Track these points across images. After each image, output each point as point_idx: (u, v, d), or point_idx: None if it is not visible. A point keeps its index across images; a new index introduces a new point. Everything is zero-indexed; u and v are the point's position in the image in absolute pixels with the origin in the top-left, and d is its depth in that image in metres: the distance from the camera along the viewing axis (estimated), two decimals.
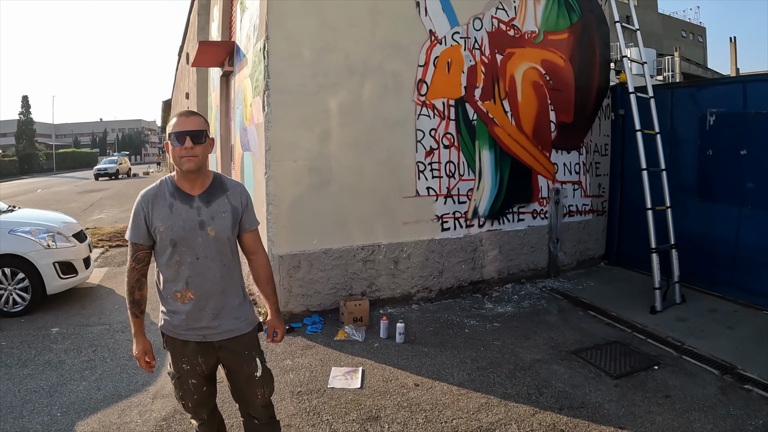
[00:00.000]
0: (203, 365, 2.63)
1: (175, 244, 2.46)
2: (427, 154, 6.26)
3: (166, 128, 2.50)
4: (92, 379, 4.57)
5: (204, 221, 2.50)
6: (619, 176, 7.99)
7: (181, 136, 2.41)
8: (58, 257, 6.54)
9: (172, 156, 2.46)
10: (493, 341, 5.23)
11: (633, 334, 5.36)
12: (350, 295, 5.92)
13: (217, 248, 2.53)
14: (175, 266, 2.49)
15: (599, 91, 7.82)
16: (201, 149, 2.45)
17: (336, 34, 5.72)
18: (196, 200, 2.51)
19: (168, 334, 2.62)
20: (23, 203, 18.14)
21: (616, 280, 7.26)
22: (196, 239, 2.48)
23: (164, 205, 2.48)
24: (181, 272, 2.50)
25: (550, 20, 7.24)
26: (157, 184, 2.58)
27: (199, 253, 2.49)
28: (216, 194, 2.57)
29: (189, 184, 2.52)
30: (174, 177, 2.57)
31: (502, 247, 6.90)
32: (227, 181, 2.67)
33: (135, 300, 2.58)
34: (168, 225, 2.46)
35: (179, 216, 2.47)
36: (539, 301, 6.45)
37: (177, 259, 2.48)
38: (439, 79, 6.30)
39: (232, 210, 2.58)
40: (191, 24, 14.11)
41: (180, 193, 2.51)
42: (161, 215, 2.47)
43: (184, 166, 2.43)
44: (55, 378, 4.60)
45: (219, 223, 2.53)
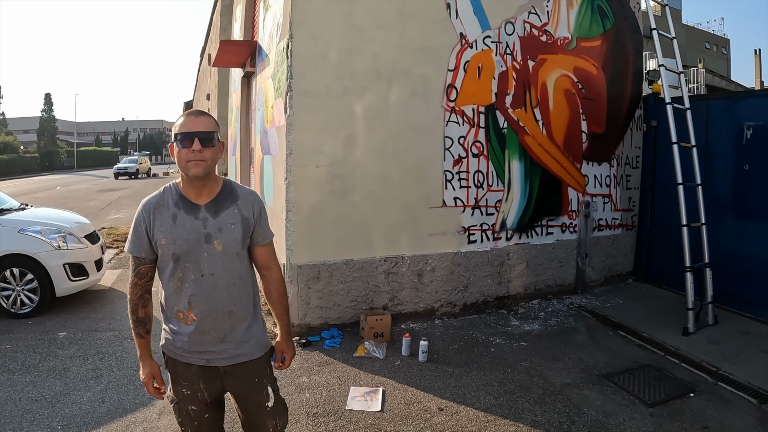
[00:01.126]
0: (205, 391, 2.33)
1: (178, 258, 2.19)
2: (455, 163, 5.90)
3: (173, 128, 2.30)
4: (97, 389, 4.29)
5: (210, 234, 2.21)
6: (650, 190, 7.58)
7: (188, 138, 2.13)
8: (68, 258, 6.25)
9: (177, 160, 2.16)
10: (520, 362, 4.90)
11: (666, 358, 5.03)
12: (371, 309, 5.56)
13: (224, 264, 2.24)
14: (177, 283, 2.21)
15: (631, 102, 7.43)
16: (210, 153, 2.16)
17: (363, 35, 5.38)
18: (202, 210, 2.22)
19: (169, 354, 2.34)
20: (42, 200, 18.13)
21: (645, 298, 6.86)
22: (201, 254, 2.20)
23: (167, 216, 2.20)
24: (183, 290, 2.21)
25: (583, 26, 6.86)
26: (160, 191, 2.30)
27: (204, 269, 2.20)
28: (225, 204, 2.27)
29: (195, 192, 2.23)
30: (179, 184, 2.28)
31: (530, 262, 6.51)
32: (238, 189, 2.36)
33: (139, 319, 2.31)
34: (170, 238, 2.18)
35: (183, 228, 2.19)
36: (567, 319, 6.09)
37: (179, 275, 2.20)
38: (470, 85, 5.94)
39: (242, 221, 2.29)
40: (214, 25, 13.89)
41: (185, 202, 2.23)
42: (163, 227, 2.19)
43: (191, 172, 2.14)
44: (58, 387, 4.33)
45: (227, 236, 2.24)
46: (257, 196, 2.40)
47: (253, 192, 2.41)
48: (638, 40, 7.54)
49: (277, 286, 2.49)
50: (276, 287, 2.49)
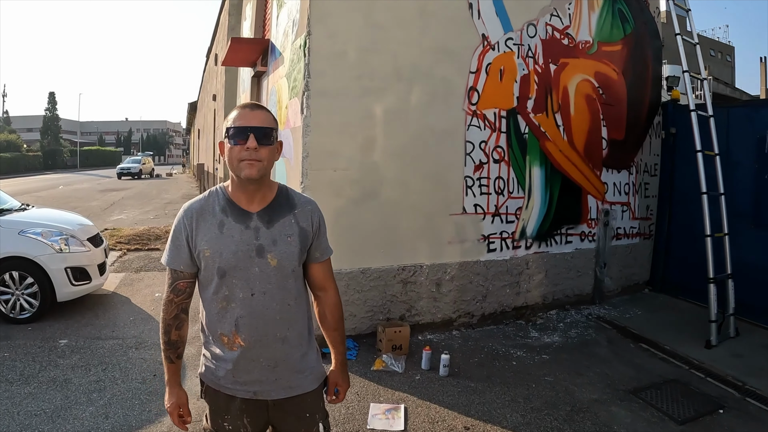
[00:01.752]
0: (249, 426, 1.98)
1: (224, 274, 1.86)
2: (476, 169, 5.58)
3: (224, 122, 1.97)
4: (100, 403, 3.96)
5: (263, 246, 1.87)
6: (668, 198, 7.29)
7: (242, 134, 1.80)
8: (70, 262, 5.91)
9: (228, 158, 1.84)
10: (544, 376, 4.64)
11: (691, 372, 4.81)
12: (388, 320, 5.23)
13: (278, 282, 1.90)
14: (222, 302, 1.88)
15: (651, 108, 7.13)
16: (267, 152, 1.84)
17: (384, 34, 5.05)
18: (254, 219, 1.89)
19: (209, 384, 1.99)
20: (44, 199, 17.78)
21: (663, 309, 6.57)
22: (252, 269, 1.86)
23: (212, 223, 1.88)
24: (230, 311, 1.88)
25: (604, 30, 6.56)
26: (205, 195, 1.97)
27: (254, 287, 1.87)
28: (280, 212, 1.95)
29: (246, 198, 1.90)
30: (227, 187, 1.95)
31: (549, 271, 6.20)
32: (295, 196, 2.03)
33: (171, 341, 1.96)
34: (216, 249, 1.85)
35: (231, 238, 1.86)
36: (586, 331, 5.82)
37: (225, 293, 1.87)
38: (491, 88, 5.63)
39: (300, 233, 1.95)
40: (221, 24, 13.56)
41: (234, 209, 1.90)
42: (208, 236, 1.87)
43: (244, 173, 1.81)
44: (59, 400, 4.00)
45: (283, 249, 1.90)
46: (317, 206, 2.07)
47: (312, 201, 2.07)
48: (657, 45, 7.25)
49: (334, 309, 2.13)
50: (332, 311, 2.13)
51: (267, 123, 1.85)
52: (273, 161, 1.89)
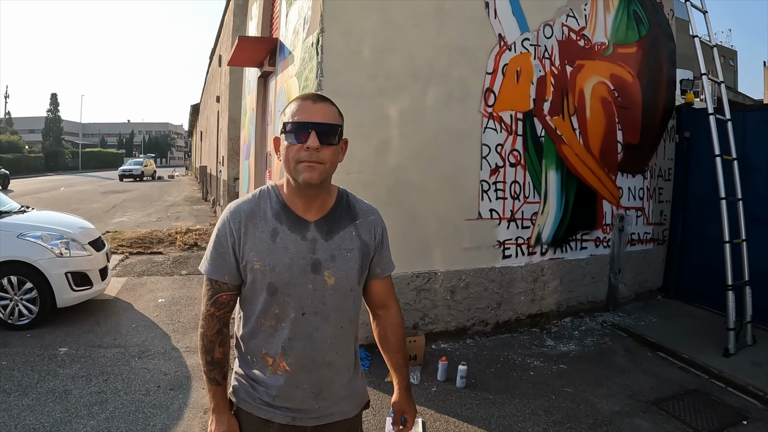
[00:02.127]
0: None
1: (275, 291, 1.62)
2: (492, 172, 5.33)
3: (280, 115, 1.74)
4: (102, 417, 3.70)
5: (320, 261, 1.64)
6: (682, 203, 7.06)
7: (303, 130, 1.55)
8: (71, 267, 5.63)
9: (284, 159, 1.60)
10: (563, 387, 4.43)
11: (711, 381, 4.64)
12: None
13: (334, 302, 1.67)
14: (271, 321, 1.65)
15: (665, 111, 6.91)
16: (330, 153, 1.58)
17: (400, 32, 4.82)
18: (311, 228, 1.66)
19: (241, 405, 1.73)
20: (45, 200, 17.52)
21: (678, 316, 6.34)
22: (306, 286, 1.63)
23: (264, 230, 1.63)
24: (279, 330, 1.65)
25: (619, 32, 6.34)
26: (255, 195, 1.71)
27: (306, 306, 1.64)
28: (341, 222, 1.71)
29: (304, 204, 1.66)
30: (281, 188, 1.70)
31: (563, 278, 5.96)
32: (357, 204, 1.80)
33: (215, 360, 1.71)
34: (267, 262, 1.61)
35: (285, 250, 1.62)
36: (602, 339, 5.60)
37: (276, 312, 1.64)
38: (508, 90, 5.39)
39: (361, 248, 1.72)
40: (225, 25, 13.34)
41: (289, 216, 1.66)
42: (258, 245, 1.62)
43: (302, 176, 1.56)
44: (58, 412, 3.74)
45: (342, 265, 1.67)
46: (380, 215, 1.84)
47: (375, 210, 1.84)
48: (671, 48, 7.04)
49: (397, 329, 1.91)
50: (395, 331, 1.91)
51: (332, 119, 1.59)
52: (337, 163, 1.65)
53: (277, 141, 1.65)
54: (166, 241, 10.30)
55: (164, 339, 5.26)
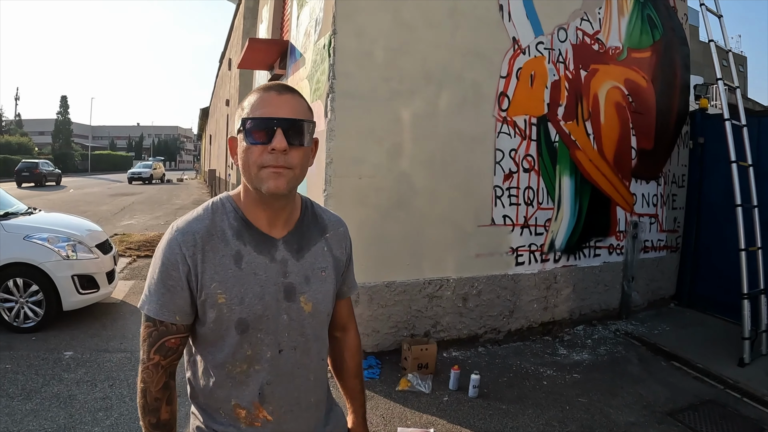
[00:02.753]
0: None
1: (247, 327, 1.28)
2: (505, 178, 5.20)
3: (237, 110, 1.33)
4: (107, 423, 3.59)
5: (294, 286, 1.33)
6: (696, 210, 6.89)
7: (266, 127, 1.22)
8: (77, 270, 5.52)
9: (243, 164, 1.26)
10: (577, 398, 4.30)
11: (726, 392, 4.51)
12: (412, 336, 4.84)
13: (313, 332, 1.38)
14: (241, 365, 1.31)
15: (679, 117, 6.76)
16: (300, 156, 1.25)
17: (413, 34, 4.68)
18: (279, 247, 1.34)
19: None
20: (54, 202, 17.47)
21: (691, 325, 6.18)
22: (280, 317, 1.32)
23: (226, 254, 1.29)
24: (252, 375, 1.32)
25: (633, 36, 6.20)
26: (207, 211, 1.34)
27: (282, 341, 1.33)
28: (310, 236, 1.41)
29: (268, 217, 1.33)
30: (236, 200, 1.36)
31: (576, 285, 5.81)
32: (323, 214, 1.50)
33: (161, 423, 1.33)
34: (234, 293, 1.27)
35: (254, 276, 1.29)
36: (616, 348, 5.45)
37: (247, 353, 1.31)
38: (522, 94, 5.25)
39: (334, 265, 1.44)
40: (235, 28, 13.27)
41: (253, 233, 1.33)
42: (221, 273, 1.27)
43: (267, 185, 1.23)
44: (62, 418, 3.63)
45: (318, 288, 1.38)
46: (347, 227, 1.55)
47: (342, 220, 1.56)
48: (686, 52, 6.89)
49: (355, 354, 1.65)
50: (353, 356, 1.64)
51: (301, 113, 1.26)
52: (307, 168, 1.31)
53: (234, 141, 1.31)
54: None
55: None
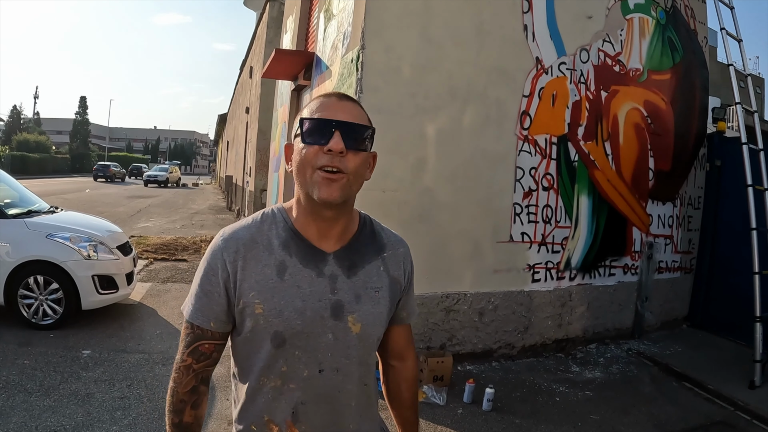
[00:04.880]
0: None
1: (283, 342, 1.23)
2: (525, 196, 5.20)
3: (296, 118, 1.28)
4: (124, 423, 3.60)
5: (342, 304, 1.25)
6: (711, 232, 6.85)
7: (324, 129, 1.18)
8: (98, 270, 5.54)
9: (298, 167, 1.22)
10: (589, 414, 4.30)
11: (736, 413, 4.49)
12: (428, 348, 4.83)
13: (359, 355, 1.29)
14: (275, 381, 1.25)
15: (697, 139, 6.75)
16: (357, 162, 1.20)
17: (439, 51, 4.72)
18: (330, 261, 1.26)
19: None
20: (71, 202, 17.59)
21: (704, 347, 6.14)
22: (325, 336, 1.24)
23: (268, 264, 1.24)
24: (285, 393, 1.26)
25: (654, 58, 6.21)
26: (256, 219, 1.31)
27: (324, 361, 1.25)
28: (366, 254, 1.32)
29: (320, 229, 1.27)
30: (289, 211, 1.32)
31: (591, 304, 5.78)
32: (383, 232, 1.41)
33: (183, 424, 1.29)
34: (273, 304, 1.21)
35: (297, 289, 1.23)
36: (628, 367, 5.43)
37: (282, 369, 1.24)
38: (543, 113, 5.26)
39: (390, 286, 1.34)
40: (258, 37, 13.37)
41: (300, 245, 1.26)
42: (261, 282, 1.23)
43: (320, 191, 1.18)
44: (80, 416, 3.64)
45: (369, 309, 1.29)
46: (408, 248, 1.45)
47: (404, 241, 1.45)
48: (705, 75, 6.90)
49: (411, 384, 1.52)
50: (411, 386, 1.52)
51: (361, 120, 1.22)
52: (363, 179, 1.25)
53: (290, 148, 1.28)
54: (190, 249, 10.22)
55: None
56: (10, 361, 4.46)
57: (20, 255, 5.34)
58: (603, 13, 5.73)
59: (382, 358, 1.52)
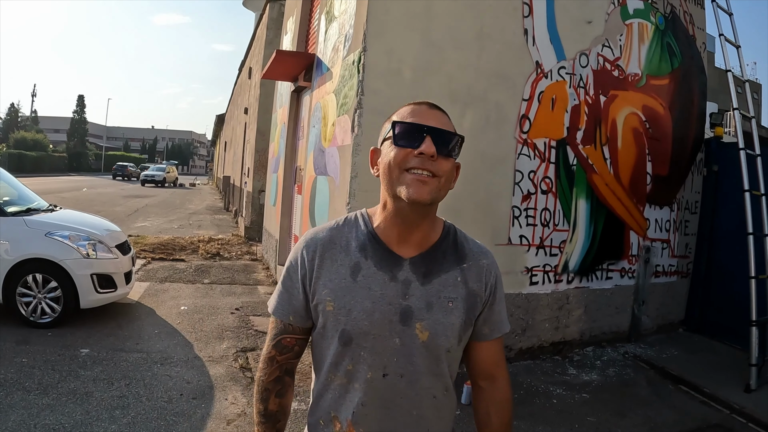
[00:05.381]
0: None
1: (350, 340, 1.26)
2: (523, 199, 5.23)
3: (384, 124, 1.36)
4: (123, 422, 3.60)
5: (412, 310, 1.26)
6: (708, 237, 6.90)
7: (416, 133, 1.22)
8: (97, 269, 5.57)
9: (386, 169, 1.26)
10: (586, 417, 4.34)
11: (732, 417, 4.54)
12: None
13: (426, 364, 1.28)
14: (342, 378, 1.29)
15: (695, 144, 6.80)
16: (447, 167, 1.24)
17: (440, 54, 4.75)
18: (405, 267, 1.29)
19: None
20: (68, 200, 17.56)
21: (700, 351, 6.19)
22: (391, 340, 1.26)
23: (343, 264, 1.29)
24: (350, 392, 1.28)
25: (653, 63, 6.26)
26: (339, 222, 1.37)
27: (389, 365, 1.27)
28: (444, 263, 1.33)
29: (399, 234, 1.30)
30: (371, 216, 1.36)
31: (588, 307, 5.82)
32: (466, 243, 1.40)
33: (268, 412, 1.36)
34: (342, 303, 1.26)
35: (368, 290, 1.26)
36: (624, 370, 5.47)
37: (347, 368, 1.28)
38: (543, 117, 5.30)
39: (466, 298, 1.32)
40: (257, 38, 13.37)
41: (378, 248, 1.30)
42: (335, 281, 1.28)
43: (409, 191, 1.20)
44: (79, 415, 3.65)
45: (440, 318, 1.28)
46: (494, 260, 1.42)
47: (489, 252, 1.42)
48: (703, 81, 6.95)
49: (504, 407, 1.43)
50: (501, 409, 1.42)
51: (449, 128, 1.28)
52: (449, 186, 1.28)
53: (375, 153, 1.34)
54: (188, 249, 10.23)
55: (186, 347, 5.17)
56: (9, 359, 4.47)
57: (19, 253, 5.36)
58: (603, 18, 5.77)
59: (471, 378, 1.48)
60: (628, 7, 6.02)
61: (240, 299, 6.97)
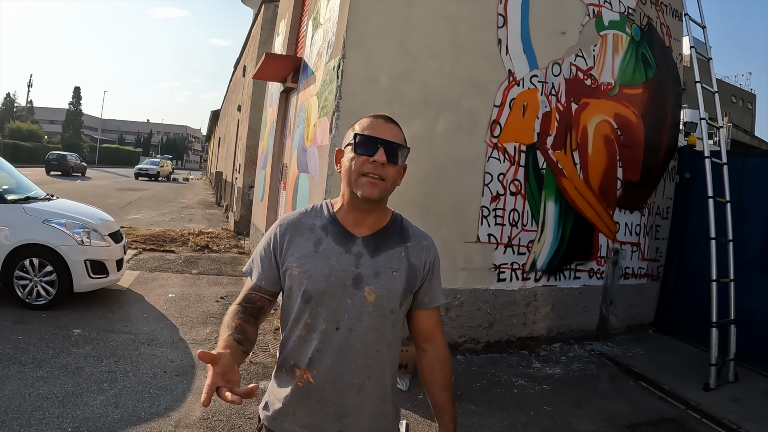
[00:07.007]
0: None
1: (310, 299, 1.61)
2: (492, 199, 5.67)
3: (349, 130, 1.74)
4: (111, 393, 4.03)
5: (362, 276, 1.62)
6: (678, 242, 7.33)
7: (372, 144, 1.59)
8: (90, 255, 6.03)
9: (346, 170, 1.64)
10: (543, 406, 4.69)
11: (687, 412, 4.84)
12: None
13: (371, 321, 1.63)
14: (302, 331, 1.63)
15: (667, 152, 7.24)
16: (393, 172, 1.63)
17: (416, 62, 5.20)
18: (357, 243, 1.65)
19: (266, 422, 1.70)
20: (62, 191, 17.92)
21: (666, 350, 6.59)
22: (344, 300, 1.61)
23: (308, 239, 1.66)
24: (308, 342, 1.63)
25: (626, 73, 6.70)
26: (308, 209, 1.76)
27: (341, 320, 1.61)
28: (390, 242, 1.70)
29: (355, 219, 1.68)
30: (333, 205, 1.73)
31: (555, 305, 6.25)
32: (410, 228, 1.78)
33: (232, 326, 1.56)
34: (305, 269, 1.62)
35: (327, 259, 1.62)
36: (588, 366, 5.85)
37: (307, 321, 1.62)
38: (513, 122, 5.75)
39: (408, 270, 1.68)
40: (252, 38, 13.78)
41: (336, 228, 1.67)
42: (300, 252, 1.64)
43: (362, 190, 1.59)
44: (70, 386, 4.07)
45: (385, 284, 1.64)
46: (433, 243, 1.81)
47: (429, 236, 1.81)
48: (678, 91, 7.38)
49: (444, 365, 1.78)
50: (442, 367, 1.78)
51: (400, 140, 1.64)
52: (396, 184, 1.67)
53: (340, 153, 1.69)
54: (178, 241, 10.68)
55: (172, 330, 5.60)
56: (5, 336, 4.90)
57: (17, 238, 5.82)
58: (577, 29, 6.21)
59: (415, 343, 1.82)
60: (604, 18, 6.46)
61: (226, 289, 7.40)
